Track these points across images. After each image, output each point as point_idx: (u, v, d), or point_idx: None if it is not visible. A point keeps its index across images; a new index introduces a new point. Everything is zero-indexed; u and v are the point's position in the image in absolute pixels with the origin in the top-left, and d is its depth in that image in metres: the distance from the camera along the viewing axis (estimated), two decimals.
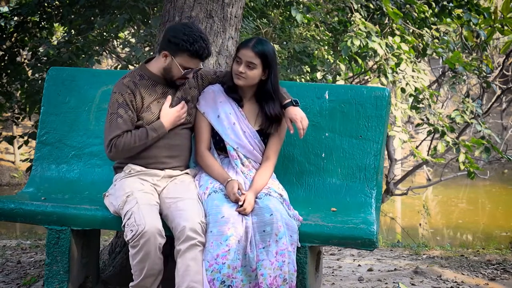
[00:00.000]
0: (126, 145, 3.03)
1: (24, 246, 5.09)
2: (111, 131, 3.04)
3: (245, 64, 3.11)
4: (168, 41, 3.07)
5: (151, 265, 2.85)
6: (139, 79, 3.13)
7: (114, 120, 3.04)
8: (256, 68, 3.12)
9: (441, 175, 8.65)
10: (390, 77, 5.62)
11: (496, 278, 4.14)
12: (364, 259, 4.80)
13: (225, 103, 3.20)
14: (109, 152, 3.06)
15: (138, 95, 3.08)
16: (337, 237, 2.93)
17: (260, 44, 3.13)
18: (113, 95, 3.08)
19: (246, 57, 3.11)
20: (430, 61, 9.21)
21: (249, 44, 3.13)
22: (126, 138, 3.03)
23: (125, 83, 3.10)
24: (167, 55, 3.08)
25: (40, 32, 6.90)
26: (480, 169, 6.50)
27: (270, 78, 3.16)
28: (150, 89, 3.13)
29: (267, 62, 3.13)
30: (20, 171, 14.22)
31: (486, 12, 6.23)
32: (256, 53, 3.10)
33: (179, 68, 3.08)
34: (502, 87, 8.12)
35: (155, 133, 3.09)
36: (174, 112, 3.13)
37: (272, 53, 3.15)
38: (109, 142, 3.03)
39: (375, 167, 3.35)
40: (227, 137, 3.17)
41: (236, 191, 2.98)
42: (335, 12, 6.21)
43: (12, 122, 7.70)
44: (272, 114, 3.18)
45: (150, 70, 3.16)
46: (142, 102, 3.10)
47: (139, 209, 2.89)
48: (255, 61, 3.11)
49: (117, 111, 3.04)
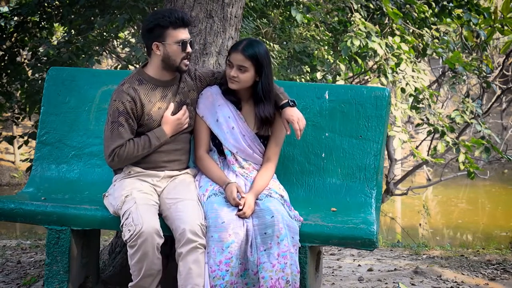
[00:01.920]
0: (129, 154, 3.03)
1: (24, 246, 5.09)
2: (112, 140, 3.02)
3: (237, 67, 3.08)
4: (149, 32, 3.06)
5: (149, 265, 2.85)
6: (138, 84, 3.10)
7: (116, 129, 3.02)
8: (248, 71, 3.09)
9: (441, 175, 8.65)
10: (390, 77, 5.61)
11: (496, 278, 4.14)
12: (364, 259, 4.80)
13: (223, 106, 3.19)
14: (111, 161, 3.05)
15: (138, 102, 3.06)
16: (337, 237, 2.93)
17: (250, 47, 3.09)
18: (113, 102, 3.05)
19: (237, 61, 3.08)
20: (430, 61, 9.21)
21: (238, 47, 3.09)
22: (129, 148, 3.03)
23: (125, 90, 3.06)
24: (158, 45, 3.05)
25: (40, 32, 6.89)
26: (480, 169, 6.50)
27: (261, 80, 3.13)
28: (150, 94, 3.11)
29: (258, 64, 3.09)
30: (20, 171, 14.21)
31: (486, 12, 6.23)
32: (247, 56, 3.07)
33: (174, 46, 3.04)
34: (502, 87, 8.12)
35: (158, 142, 3.08)
36: (175, 120, 3.12)
37: (264, 54, 3.11)
38: (112, 151, 3.02)
39: (375, 167, 3.35)
40: (226, 141, 3.16)
41: (235, 195, 2.97)
42: (335, 12, 6.21)
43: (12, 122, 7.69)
44: (263, 116, 3.15)
45: (148, 73, 3.14)
46: (143, 108, 3.08)
47: (137, 209, 2.89)
48: (246, 64, 3.07)
49: (118, 120, 3.02)
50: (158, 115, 3.11)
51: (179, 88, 3.18)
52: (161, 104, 3.13)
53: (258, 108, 3.17)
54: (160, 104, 3.12)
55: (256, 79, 3.14)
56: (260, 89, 3.13)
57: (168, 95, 3.15)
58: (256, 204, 2.98)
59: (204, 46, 3.65)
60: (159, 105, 3.12)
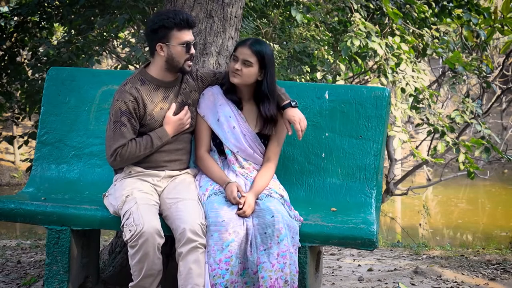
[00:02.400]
0: (132, 154, 3.04)
1: (24, 246, 5.10)
2: (115, 140, 3.03)
3: (241, 61, 3.11)
4: (153, 33, 3.06)
5: (150, 265, 2.85)
6: (140, 84, 3.11)
7: (118, 129, 3.03)
8: (252, 66, 3.11)
9: (441, 175, 8.65)
10: (390, 77, 5.61)
11: (496, 278, 4.14)
12: (364, 259, 4.80)
13: (224, 105, 3.19)
14: (113, 160, 3.06)
15: (141, 102, 3.07)
16: (337, 237, 2.94)
17: (258, 44, 3.14)
18: (115, 102, 3.06)
19: (243, 55, 3.10)
20: (430, 61, 9.21)
21: (247, 42, 3.14)
22: (132, 148, 3.04)
23: (127, 90, 3.07)
24: (162, 46, 3.06)
25: (40, 32, 6.89)
26: (480, 169, 6.50)
27: (266, 79, 3.15)
28: (152, 94, 3.11)
29: (263, 61, 3.12)
30: (20, 171, 14.22)
31: (486, 12, 6.23)
32: (253, 51, 3.10)
33: (178, 47, 3.05)
34: (502, 87, 8.13)
35: (160, 142, 3.09)
36: (177, 120, 3.12)
37: (270, 54, 3.15)
38: (114, 151, 3.03)
39: (375, 167, 3.35)
40: (227, 141, 3.17)
41: (235, 195, 2.98)
42: (335, 12, 6.21)
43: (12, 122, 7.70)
44: (268, 115, 3.17)
45: (151, 74, 3.14)
46: (145, 108, 3.08)
47: (138, 209, 2.89)
48: (251, 59, 3.10)
49: (120, 119, 3.03)
50: (160, 115, 3.12)
51: (181, 89, 3.19)
52: (163, 105, 3.13)
53: (263, 107, 3.18)
54: (162, 104, 3.13)
55: (258, 78, 3.15)
56: (266, 87, 3.15)
57: (170, 96, 3.16)
58: (256, 204, 2.98)
59: (204, 46, 3.65)
60: (161, 105, 3.12)
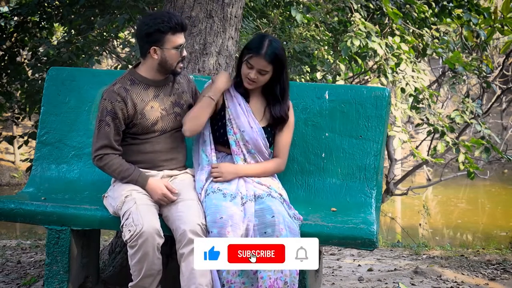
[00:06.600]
0: (108, 167, 3.04)
1: (24, 246, 5.10)
2: (98, 138, 3.04)
3: (257, 71, 3.06)
4: (147, 36, 3.03)
5: (149, 265, 2.85)
6: (130, 84, 3.10)
7: (102, 128, 3.04)
8: (268, 73, 3.09)
9: (441, 175, 8.65)
10: (390, 77, 5.61)
11: (496, 278, 4.14)
12: (364, 259, 4.80)
13: (231, 97, 3.16)
14: (96, 160, 3.07)
15: (129, 102, 3.05)
16: (337, 237, 2.93)
17: (272, 49, 3.04)
18: (102, 101, 3.06)
19: (259, 66, 3.05)
20: (430, 61, 9.21)
21: (261, 52, 3.03)
22: (113, 162, 3.03)
23: (115, 90, 3.06)
24: (156, 49, 3.04)
25: (40, 32, 6.90)
26: (480, 169, 6.50)
27: (281, 81, 3.12)
28: (142, 93, 3.10)
29: (279, 66, 3.09)
30: (20, 171, 14.22)
31: (486, 12, 6.23)
32: (269, 61, 3.05)
33: (172, 51, 3.04)
34: (502, 87, 8.13)
35: (134, 181, 3.03)
36: (162, 193, 2.99)
37: (283, 54, 3.09)
38: (97, 151, 3.04)
39: (375, 167, 3.35)
40: (239, 120, 3.11)
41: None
42: (335, 12, 6.21)
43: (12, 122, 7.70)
44: (279, 116, 3.16)
45: (140, 73, 3.13)
46: (135, 108, 3.07)
47: (137, 209, 2.89)
48: (267, 69, 3.07)
49: (105, 119, 3.03)
50: (151, 114, 3.10)
51: (173, 89, 3.18)
52: (154, 103, 3.12)
53: (274, 108, 3.16)
54: (153, 103, 3.11)
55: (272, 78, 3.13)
56: (278, 90, 3.14)
57: (161, 95, 3.15)
58: (256, 203, 2.97)
59: (204, 46, 3.65)
60: (152, 104, 3.11)
